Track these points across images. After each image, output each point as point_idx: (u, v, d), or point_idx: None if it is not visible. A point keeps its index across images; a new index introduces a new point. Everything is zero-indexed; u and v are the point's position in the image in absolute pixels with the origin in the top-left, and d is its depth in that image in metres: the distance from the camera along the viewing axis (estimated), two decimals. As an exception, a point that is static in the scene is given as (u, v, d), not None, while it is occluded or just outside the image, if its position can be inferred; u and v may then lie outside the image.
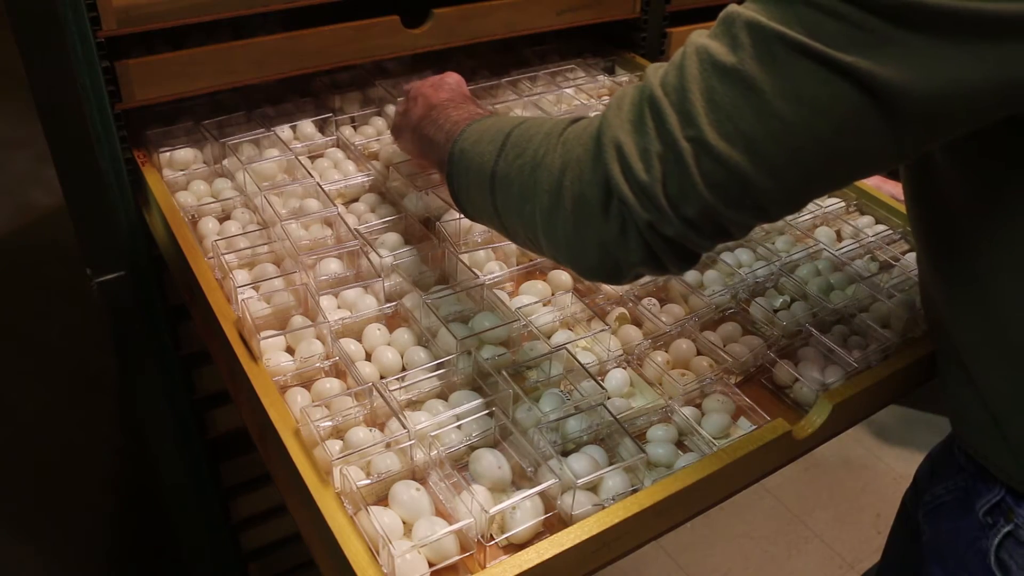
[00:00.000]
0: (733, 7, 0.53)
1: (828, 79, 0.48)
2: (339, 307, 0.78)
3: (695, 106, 0.50)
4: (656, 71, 0.54)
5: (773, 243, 0.90)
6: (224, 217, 0.90)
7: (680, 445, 0.68)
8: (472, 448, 0.65)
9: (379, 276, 0.79)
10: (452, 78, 0.86)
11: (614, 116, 0.53)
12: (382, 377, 0.71)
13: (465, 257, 0.82)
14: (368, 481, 0.61)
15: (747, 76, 0.49)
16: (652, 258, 0.54)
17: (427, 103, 0.80)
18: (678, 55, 0.54)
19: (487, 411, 0.66)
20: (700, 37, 0.54)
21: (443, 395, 0.70)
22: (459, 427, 0.65)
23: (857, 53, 0.47)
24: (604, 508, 0.59)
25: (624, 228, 0.53)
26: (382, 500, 0.61)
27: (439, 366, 0.70)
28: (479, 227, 0.86)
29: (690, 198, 0.51)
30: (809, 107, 0.48)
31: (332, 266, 0.80)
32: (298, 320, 0.75)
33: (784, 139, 0.49)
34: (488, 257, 0.86)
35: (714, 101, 0.50)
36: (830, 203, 0.97)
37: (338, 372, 0.71)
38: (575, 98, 1.12)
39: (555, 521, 0.60)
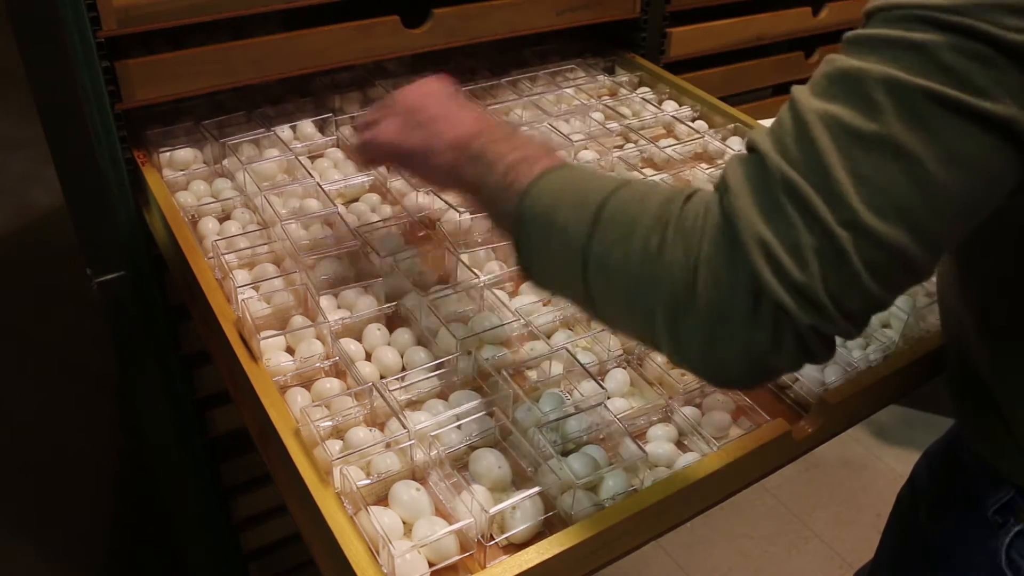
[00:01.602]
0: (846, 62, 0.46)
1: (981, 133, 0.43)
2: (339, 307, 0.78)
3: (842, 184, 0.44)
4: (767, 141, 0.47)
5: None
6: (224, 217, 0.90)
7: (680, 445, 0.68)
8: (472, 448, 0.65)
9: (379, 276, 0.79)
10: (442, 85, 0.75)
11: (742, 204, 0.46)
12: (382, 377, 0.71)
13: (465, 257, 0.82)
14: (368, 481, 0.61)
15: (895, 142, 0.44)
16: (807, 358, 0.48)
17: (450, 129, 0.68)
18: (789, 122, 0.47)
19: (487, 411, 0.66)
20: (813, 99, 0.46)
21: (443, 395, 0.70)
22: (459, 427, 0.65)
23: (1007, 101, 0.43)
24: (604, 508, 0.59)
25: (779, 335, 0.45)
26: (382, 500, 0.61)
27: (439, 366, 0.70)
28: (479, 227, 0.86)
29: (854, 291, 0.45)
30: (964, 166, 0.44)
31: (332, 266, 0.80)
32: (298, 320, 0.75)
33: (942, 204, 0.44)
34: (488, 257, 0.86)
35: (861, 175, 0.44)
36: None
37: (338, 372, 0.71)
38: (575, 98, 1.12)
39: (555, 521, 0.60)
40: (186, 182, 0.94)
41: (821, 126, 0.45)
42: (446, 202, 0.89)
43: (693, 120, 1.11)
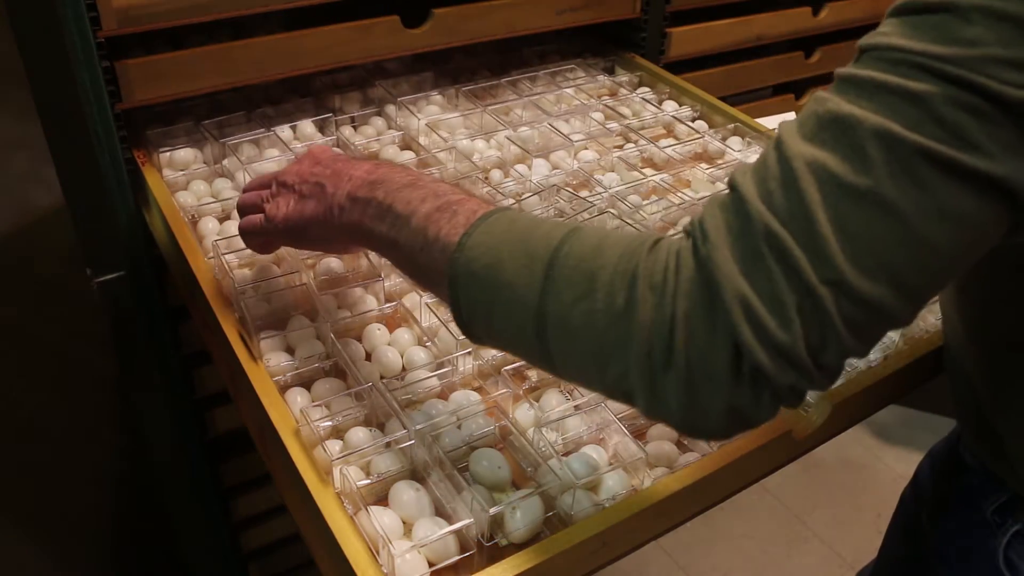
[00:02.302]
0: (839, 105, 0.44)
1: (974, 192, 0.42)
2: (339, 307, 0.78)
3: (827, 240, 0.42)
4: (750, 184, 0.45)
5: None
6: (224, 217, 0.90)
7: (680, 445, 0.68)
8: (472, 448, 0.65)
9: (379, 276, 0.79)
10: (323, 149, 0.69)
11: (721, 257, 0.43)
12: (382, 377, 0.71)
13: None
14: (368, 481, 0.61)
15: (885, 199, 0.42)
16: (779, 409, 0.47)
17: (346, 184, 0.63)
18: (775, 165, 0.44)
19: (487, 411, 0.66)
20: (802, 143, 0.44)
21: (443, 395, 0.70)
22: (459, 427, 0.65)
23: (1002, 159, 0.42)
24: (604, 508, 0.59)
25: (758, 392, 0.44)
26: (382, 500, 0.61)
27: (439, 366, 0.70)
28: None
29: (830, 347, 0.43)
30: (955, 223, 0.43)
31: (332, 265, 0.80)
32: (298, 320, 0.75)
33: (929, 261, 0.43)
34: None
35: (848, 232, 0.42)
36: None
37: (338, 372, 0.71)
38: (575, 98, 1.12)
39: (555, 521, 0.60)
40: (186, 182, 0.94)
41: (809, 175, 0.43)
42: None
43: (693, 120, 1.11)
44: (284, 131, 0.99)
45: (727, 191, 0.46)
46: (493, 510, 0.57)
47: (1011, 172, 0.42)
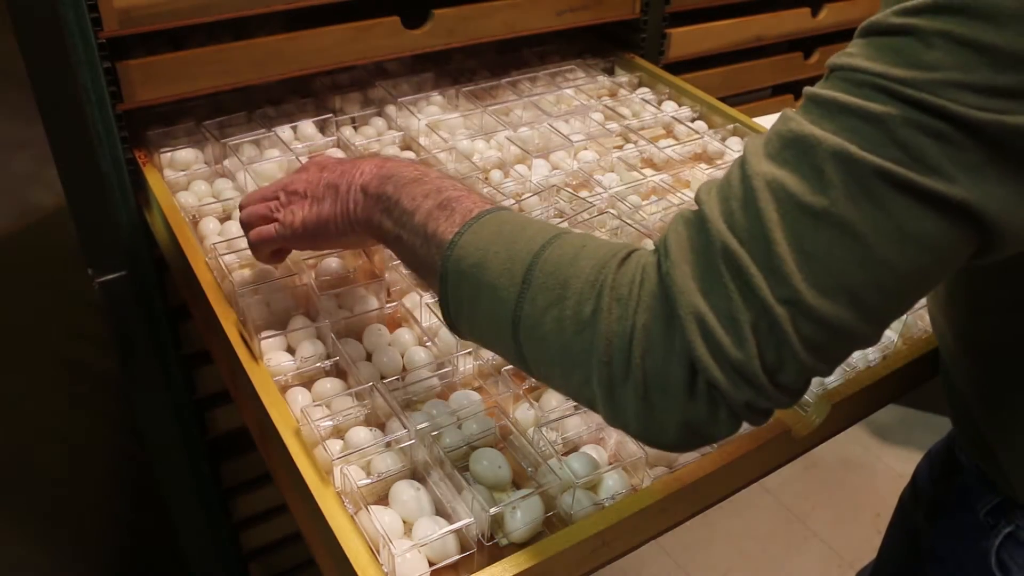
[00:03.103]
0: (801, 125, 0.44)
1: (933, 214, 0.42)
2: (340, 307, 0.78)
3: (784, 260, 0.42)
4: (713, 201, 0.45)
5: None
6: (225, 217, 0.90)
7: (680, 445, 0.68)
8: (472, 448, 0.65)
9: (380, 276, 0.79)
10: (327, 156, 0.72)
11: (680, 273, 0.44)
12: (383, 378, 0.71)
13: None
14: (368, 480, 0.61)
15: (843, 220, 0.42)
16: (739, 425, 0.47)
17: (358, 178, 0.65)
18: (738, 184, 0.45)
19: (487, 411, 0.67)
20: (764, 161, 0.44)
21: (444, 395, 0.70)
22: (460, 427, 0.65)
23: (963, 181, 0.41)
24: (604, 508, 0.59)
25: (714, 408, 0.45)
26: (382, 500, 0.61)
27: (439, 366, 0.70)
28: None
29: (788, 366, 0.44)
30: (914, 245, 0.42)
31: (333, 266, 0.80)
32: (299, 320, 0.75)
33: (890, 283, 0.43)
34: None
35: (806, 252, 0.42)
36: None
37: (339, 372, 0.72)
38: (575, 98, 1.12)
39: (555, 521, 0.60)
40: (187, 182, 0.94)
41: (768, 194, 0.43)
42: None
43: (693, 120, 1.11)
44: (285, 131, 1.00)
45: (693, 206, 0.47)
46: (493, 510, 0.57)
47: (974, 195, 0.42)
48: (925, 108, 0.41)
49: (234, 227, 0.88)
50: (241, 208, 0.74)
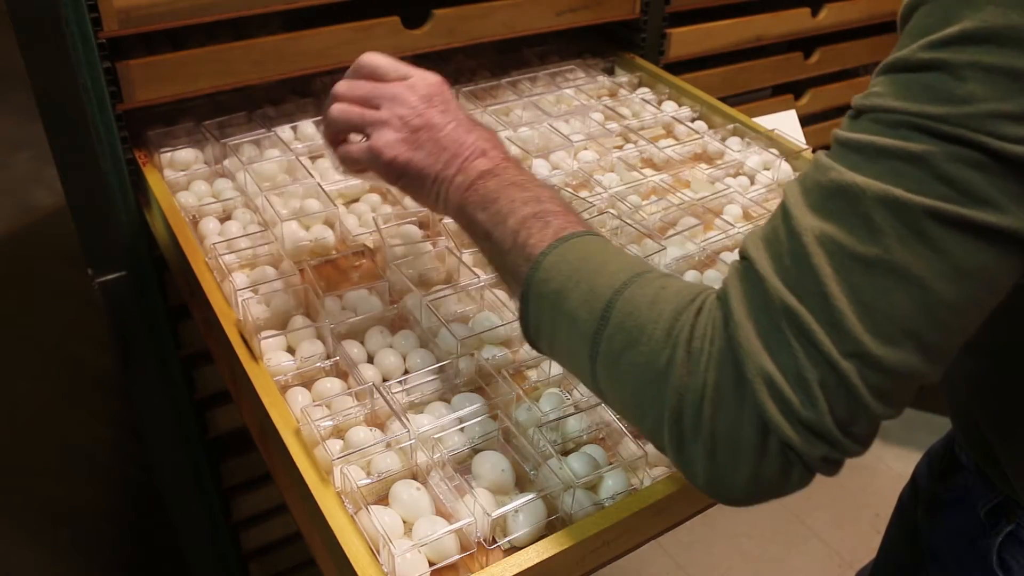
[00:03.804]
0: (841, 175, 0.43)
1: (987, 246, 0.42)
2: (343, 308, 0.78)
3: (844, 314, 0.42)
4: (763, 257, 0.45)
5: (772, 243, 0.90)
6: (225, 217, 0.90)
7: (680, 445, 0.68)
8: (475, 451, 0.65)
9: (382, 277, 0.79)
10: (443, 89, 0.68)
11: (745, 335, 0.44)
12: (384, 379, 0.71)
13: (468, 257, 0.82)
14: (368, 480, 0.61)
15: (898, 266, 0.41)
16: (812, 478, 0.47)
17: (459, 159, 0.64)
18: (785, 238, 0.44)
19: (490, 413, 0.66)
20: (809, 215, 0.44)
21: (445, 397, 0.70)
22: (461, 430, 0.65)
23: (1013, 210, 0.41)
24: (604, 508, 0.59)
25: (787, 466, 0.45)
26: (382, 499, 0.61)
27: (440, 369, 0.70)
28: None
29: (860, 418, 0.43)
30: (972, 280, 0.42)
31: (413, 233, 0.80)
32: (299, 320, 0.75)
33: (950, 320, 0.43)
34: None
35: (864, 303, 0.42)
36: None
37: (339, 372, 0.72)
38: (575, 98, 1.12)
39: (555, 521, 0.60)
40: (187, 182, 0.94)
41: (820, 249, 0.43)
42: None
43: (693, 120, 1.11)
44: (285, 131, 1.00)
45: (739, 258, 0.47)
46: (495, 514, 0.57)
47: (1020, 224, 0.41)
48: (964, 143, 0.41)
49: (234, 227, 0.88)
50: (335, 97, 0.69)
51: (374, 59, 0.69)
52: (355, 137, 0.70)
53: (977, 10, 0.41)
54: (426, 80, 0.67)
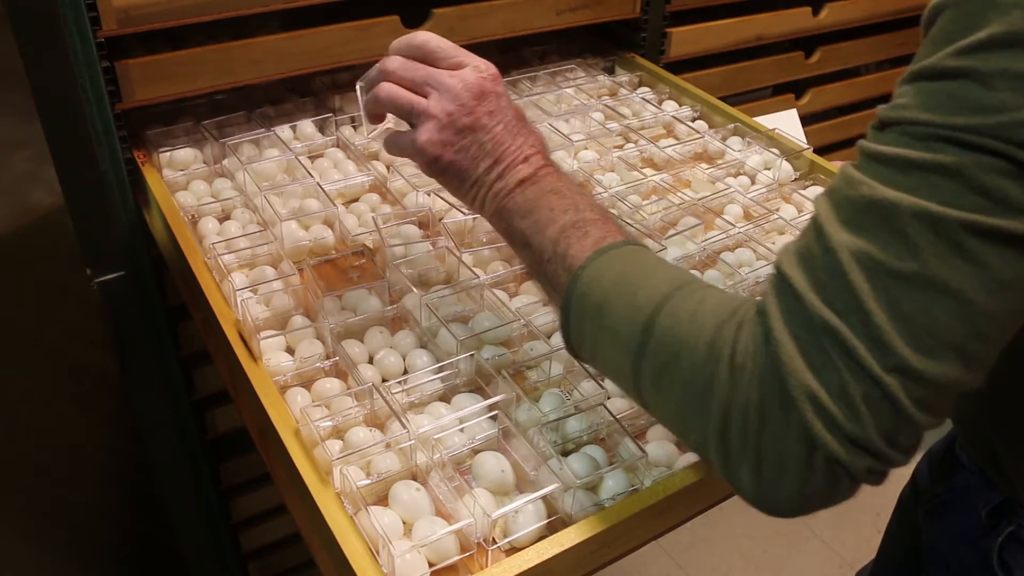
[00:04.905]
0: (873, 190, 0.43)
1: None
2: (343, 308, 0.78)
3: (884, 329, 0.42)
4: (798, 273, 0.45)
5: (774, 243, 0.90)
6: (224, 217, 0.90)
7: (680, 445, 0.68)
8: (475, 451, 0.65)
9: (382, 277, 0.79)
10: (495, 85, 0.65)
11: (786, 352, 0.44)
12: (384, 380, 0.71)
13: (468, 257, 0.82)
14: (368, 481, 0.61)
15: (936, 280, 0.41)
16: (858, 488, 0.48)
17: (500, 164, 0.63)
18: (820, 255, 0.44)
19: (490, 413, 0.66)
20: (843, 231, 0.44)
21: (445, 398, 0.70)
22: (462, 430, 0.65)
23: None
24: (604, 508, 0.59)
25: (833, 479, 0.45)
26: (382, 500, 0.61)
27: (440, 369, 0.70)
28: (482, 227, 0.86)
29: (904, 429, 0.44)
30: (1011, 289, 0.42)
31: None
32: (298, 320, 0.75)
33: (991, 330, 0.43)
34: (492, 256, 0.85)
35: (904, 317, 0.42)
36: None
37: (338, 372, 0.71)
38: (575, 98, 1.12)
39: (555, 522, 0.60)
40: (186, 182, 0.94)
41: (856, 266, 0.43)
42: (448, 202, 0.89)
43: (693, 120, 1.11)
44: (284, 131, 0.99)
45: (775, 274, 0.47)
46: (495, 514, 0.57)
47: None
48: (997, 153, 0.40)
49: (233, 227, 0.87)
50: (385, 73, 0.68)
51: (430, 39, 0.67)
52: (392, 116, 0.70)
53: (1004, 14, 0.40)
54: (479, 73, 0.65)
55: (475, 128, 0.64)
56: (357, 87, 0.73)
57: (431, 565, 0.57)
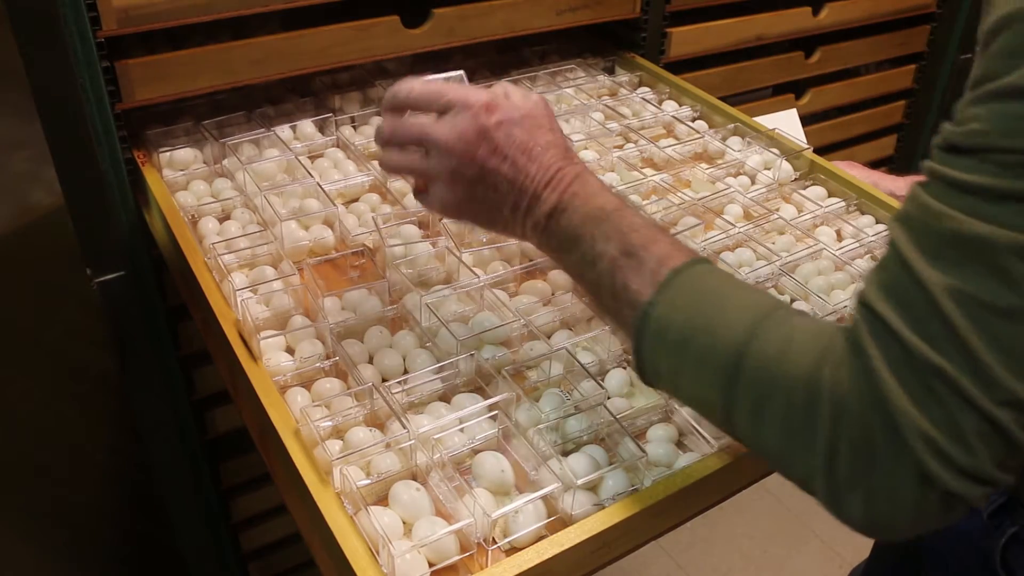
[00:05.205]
0: (963, 225, 0.42)
1: None
2: (343, 308, 0.78)
3: (990, 365, 0.41)
4: (889, 310, 0.44)
5: (774, 243, 0.90)
6: (224, 217, 0.90)
7: (680, 445, 0.68)
8: (475, 451, 0.65)
9: (382, 277, 0.79)
10: (489, 121, 0.61)
11: (893, 393, 0.43)
12: (384, 380, 0.71)
13: (468, 257, 0.82)
14: (368, 481, 0.61)
15: None
16: (969, 509, 0.47)
17: (526, 209, 0.60)
18: (912, 287, 0.43)
19: (490, 413, 0.66)
20: (933, 269, 0.43)
21: (445, 398, 0.70)
22: (462, 430, 0.65)
23: None
24: (604, 508, 0.59)
25: (948, 508, 0.45)
26: (382, 500, 0.61)
27: (440, 369, 0.70)
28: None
29: (1017, 455, 0.44)
30: None
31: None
32: (298, 320, 0.75)
33: None
34: (492, 256, 0.85)
35: (1009, 351, 0.41)
36: (830, 203, 0.97)
37: (339, 372, 0.71)
38: (575, 98, 1.12)
39: (556, 522, 0.60)
40: (186, 182, 0.94)
41: (952, 303, 0.42)
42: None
43: (693, 120, 1.11)
44: (284, 131, 0.99)
45: (863, 308, 0.46)
46: (495, 514, 0.57)
47: None
48: None
49: (233, 227, 0.87)
50: (382, 140, 0.66)
51: (412, 88, 0.64)
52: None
53: None
54: (470, 111, 0.61)
55: (483, 176, 0.61)
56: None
57: (431, 565, 0.57)
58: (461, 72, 0.66)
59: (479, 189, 0.61)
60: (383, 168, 0.67)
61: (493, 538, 0.58)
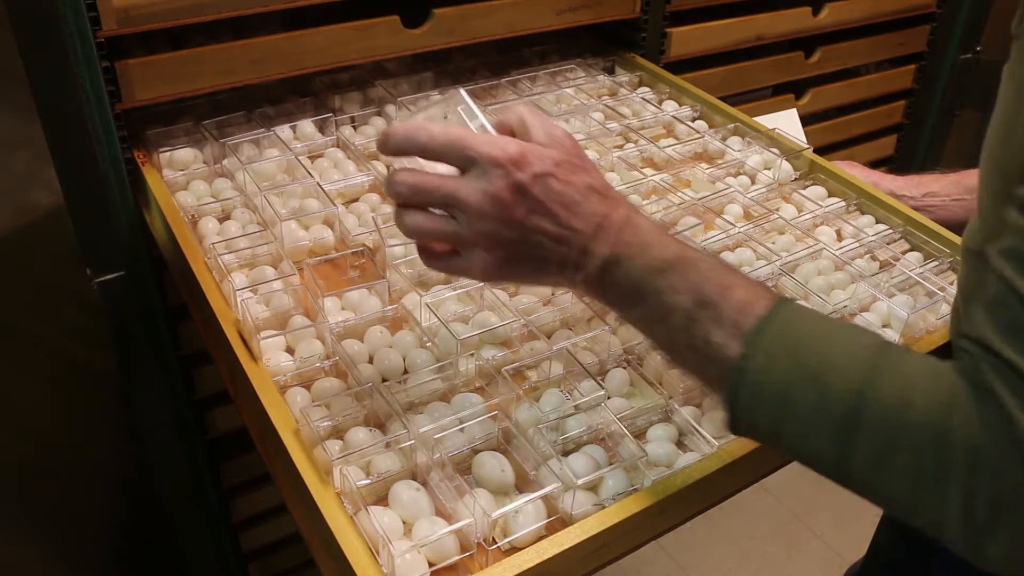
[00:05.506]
0: None
1: None
2: (343, 308, 0.78)
3: None
4: (1004, 387, 0.44)
5: (774, 242, 0.90)
6: (224, 217, 0.90)
7: (680, 445, 0.68)
8: (475, 451, 0.65)
9: (382, 277, 0.79)
10: (519, 175, 0.54)
11: (1016, 465, 0.44)
12: (384, 380, 0.71)
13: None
14: (368, 481, 0.61)
15: None
16: None
17: (575, 265, 0.56)
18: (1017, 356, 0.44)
19: (490, 413, 0.66)
20: None
21: (445, 398, 0.70)
22: (462, 430, 0.65)
23: None
24: (604, 508, 0.59)
25: None
26: (382, 500, 0.61)
27: (440, 368, 0.70)
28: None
29: None
30: None
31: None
32: (298, 320, 0.75)
33: None
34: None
35: None
36: (830, 202, 0.97)
37: (338, 372, 0.71)
38: (575, 98, 1.12)
39: (556, 522, 0.60)
40: (186, 182, 0.94)
41: None
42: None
43: (693, 120, 1.11)
44: (284, 131, 0.99)
45: (986, 354, 0.46)
46: (495, 514, 0.57)
47: None
48: None
49: (233, 227, 0.87)
50: (397, 197, 0.58)
51: (433, 139, 0.56)
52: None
53: None
54: (500, 168, 0.54)
55: (525, 236, 0.56)
56: None
57: (431, 565, 0.57)
58: (461, 90, 0.61)
59: (522, 249, 0.56)
60: (405, 233, 0.60)
61: (493, 538, 0.58)
